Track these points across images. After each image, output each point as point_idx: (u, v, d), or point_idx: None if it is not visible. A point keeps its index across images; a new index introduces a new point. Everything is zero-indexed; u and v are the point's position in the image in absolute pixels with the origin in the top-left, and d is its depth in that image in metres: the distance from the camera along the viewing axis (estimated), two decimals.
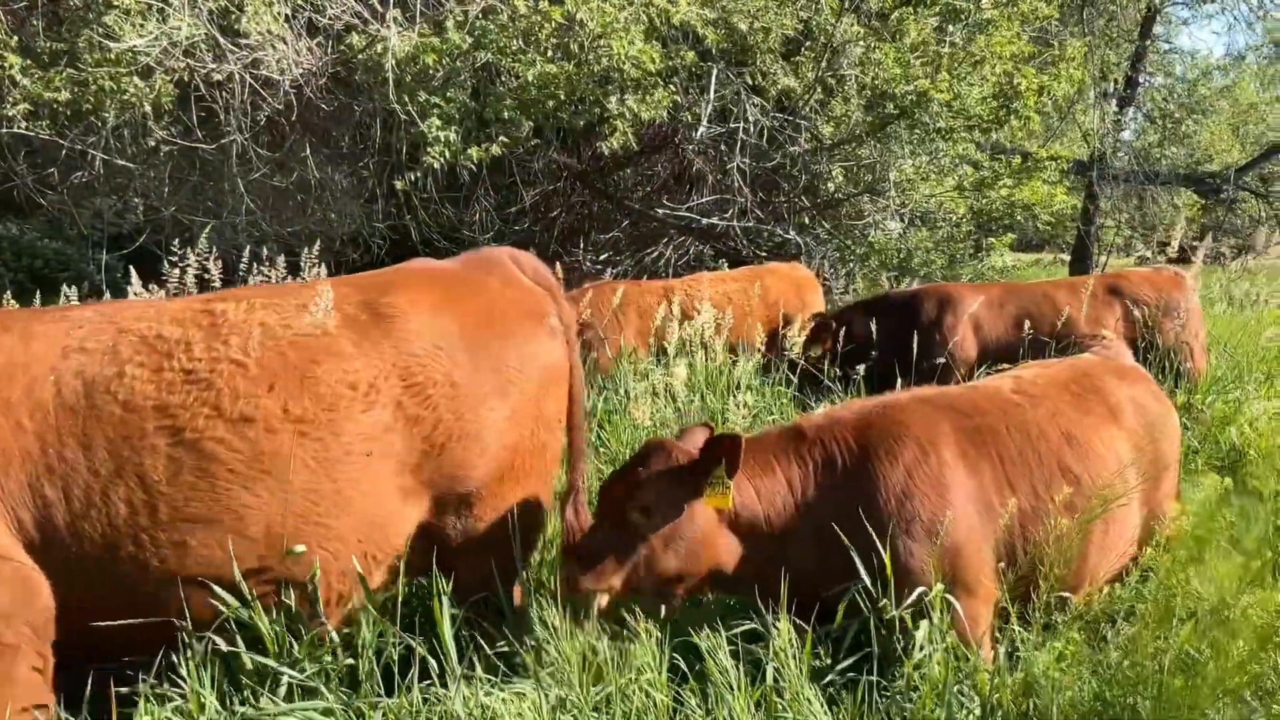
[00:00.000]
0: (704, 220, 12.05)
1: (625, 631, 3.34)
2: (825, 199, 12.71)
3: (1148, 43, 19.39)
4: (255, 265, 7.35)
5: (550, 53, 9.95)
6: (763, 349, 6.42)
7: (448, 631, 3.16)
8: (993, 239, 13.26)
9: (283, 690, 3.09)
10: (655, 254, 13.06)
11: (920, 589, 3.35)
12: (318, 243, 7.36)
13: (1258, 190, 20.23)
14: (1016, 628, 3.31)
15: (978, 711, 3.00)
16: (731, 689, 3.01)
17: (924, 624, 3.30)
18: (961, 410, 3.86)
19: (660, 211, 12.18)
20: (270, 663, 3.10)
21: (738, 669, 3.04)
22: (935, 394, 4.03)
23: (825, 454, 3.67)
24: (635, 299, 7.59)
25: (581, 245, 13.03)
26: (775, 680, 3.05)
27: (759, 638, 3.29)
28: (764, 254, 11.99)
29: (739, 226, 11.81)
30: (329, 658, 3.19)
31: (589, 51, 9.78)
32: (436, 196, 11.72)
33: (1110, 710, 2.70)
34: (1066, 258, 22.75)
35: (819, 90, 11.52)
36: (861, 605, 3.33)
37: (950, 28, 11.33)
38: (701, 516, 3.53)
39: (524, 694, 3.06)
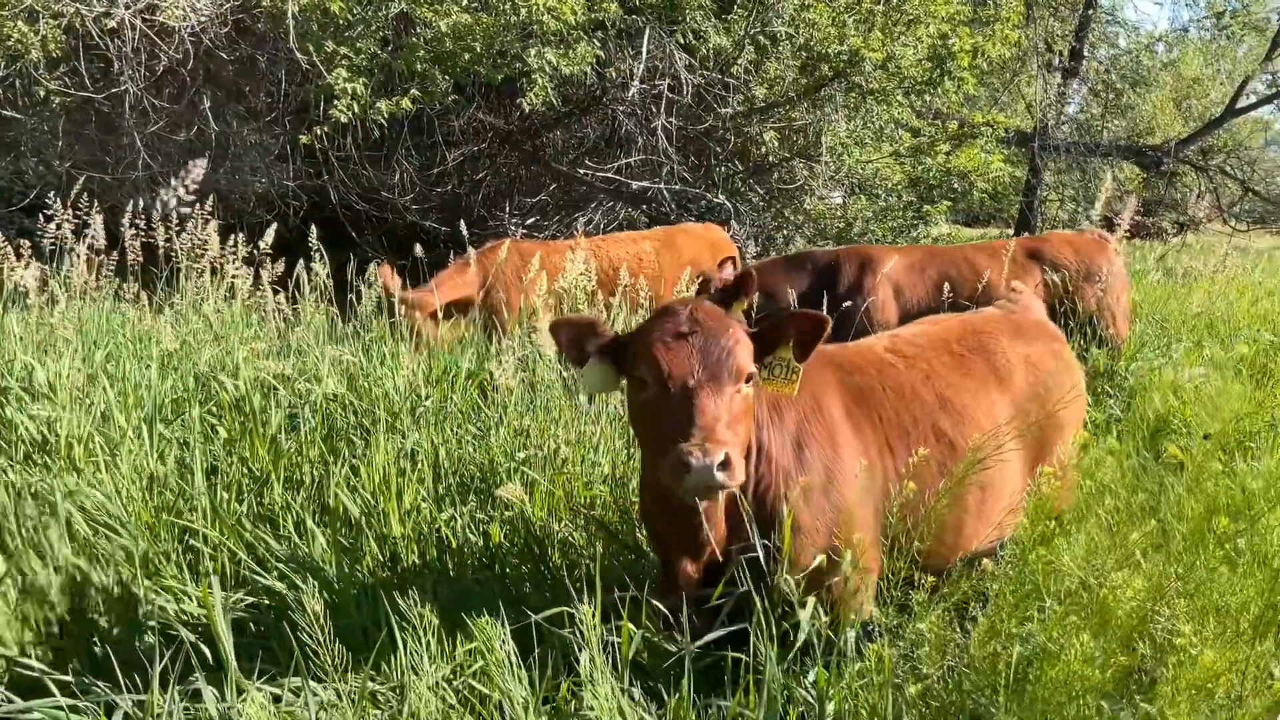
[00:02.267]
0: (634, 185, 11.69)
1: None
2: (757, 163, 12.38)
3: (1090, 13, 19.23)
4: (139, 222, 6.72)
5: (467, 2, 9.51)
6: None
7: (221, 624, 2.69)
8: (929, 207, 13.02)
9: None
10: (585, 218, 12.67)
11: (811, 553, 3.01)
12: (210, 199, 6.91)
13: (1197, 164, 20.22)
14: (872, 609, 2.95)
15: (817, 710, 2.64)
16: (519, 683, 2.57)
17: (810, 600, 2.97)
18: (842, 366, 3.53)
19: (583, 172, 11.79)
20: None
21: (526, 661, 2.65)
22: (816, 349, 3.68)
23: None
24: (543, 259, 7.18)
25: (507, 209, 12.60)
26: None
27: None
28: (694, 218, 11.65)
29: (667, 190, 11.46)
30: None
31: (506, 1, 9.34)
32: (355, 156, 11.26)
33: (959, 709, 2.38)
34: (1012, 232, 22.66)
35: (752, 50, 11.16)
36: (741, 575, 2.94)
37: None
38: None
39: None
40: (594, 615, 2.61)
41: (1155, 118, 24.20)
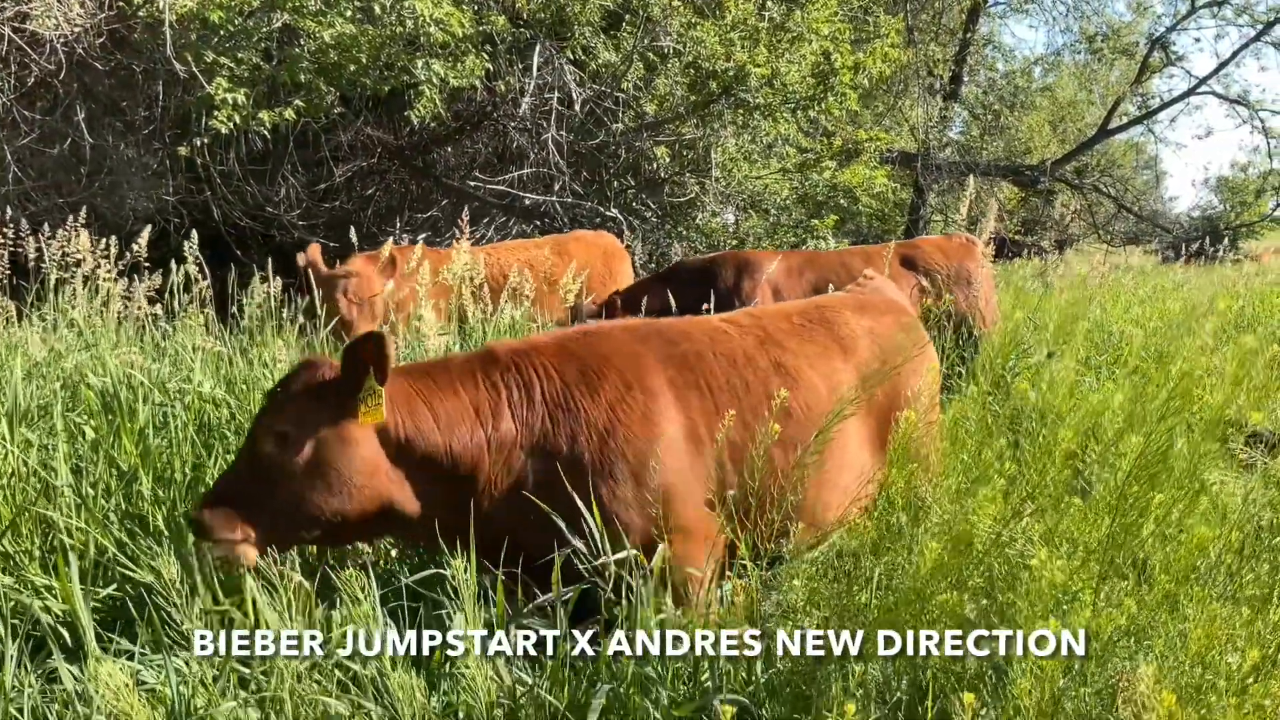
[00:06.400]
0: (527, 199, 11.73)
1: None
2: (649, 178, 12.53)
3: (969, 35, 20.00)
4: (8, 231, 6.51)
5: (351, 14, 9.44)
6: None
7: (78, 598, 2.61)
8: (816, 221, 13.34)
9: None
10: (479, 234, 12.65)
11: (629, 540, 3.00)
12: (83, 212, 6.72)
13: (1073, 182, 21.10)
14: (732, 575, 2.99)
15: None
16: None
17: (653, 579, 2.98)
18: (667, 337, 3.54)
19: (473, 185, 11.80)
20: None
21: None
22: (641, 323, 3.72)
23: (522, 380, 3.23)
24: (424, 255, 7.14)
25: (398, 224, 12.50)
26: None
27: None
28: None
29: (559, 204, 11.53)
30: None
31: (391, 12, 9.31)
32: (239, 172, 11.05)
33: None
34: None
35: (641, 66, 11.33)
36: (578, 567, 2.92)
37: (769, 3, 11.31)
38: (359, 442, 3.01)
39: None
40: (465, 570, 2.62)
41: (1032, 139, 25.19)
